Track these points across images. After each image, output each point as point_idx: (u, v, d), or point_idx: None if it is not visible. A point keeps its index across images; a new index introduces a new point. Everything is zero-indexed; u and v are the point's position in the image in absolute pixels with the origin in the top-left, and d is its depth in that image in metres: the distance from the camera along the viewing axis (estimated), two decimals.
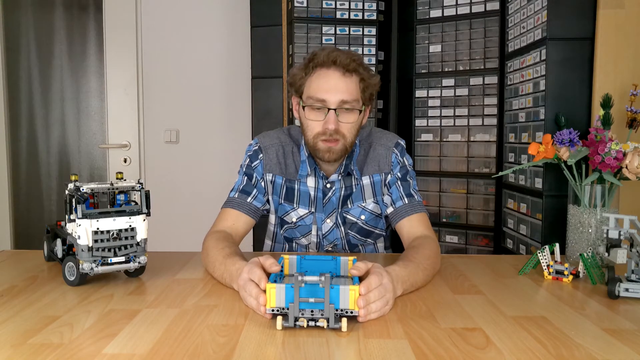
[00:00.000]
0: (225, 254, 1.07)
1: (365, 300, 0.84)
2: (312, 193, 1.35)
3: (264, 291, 0.86)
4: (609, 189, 1.24)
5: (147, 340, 0.78)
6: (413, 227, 1.27)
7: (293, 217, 1.37)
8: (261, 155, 1.35)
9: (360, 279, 0.91)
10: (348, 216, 1.36)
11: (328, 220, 1.36)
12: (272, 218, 1.42)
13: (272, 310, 0.84)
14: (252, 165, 1.35)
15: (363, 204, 1.35)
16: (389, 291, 0.90)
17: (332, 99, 1.20)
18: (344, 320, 0.81)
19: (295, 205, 1.36)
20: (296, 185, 1.35)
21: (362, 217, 1.36)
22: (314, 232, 1.37)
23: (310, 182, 1.34)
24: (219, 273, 1.06)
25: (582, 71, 1.62)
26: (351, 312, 0.83)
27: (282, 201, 1.36)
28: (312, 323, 0.82)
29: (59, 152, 2.87)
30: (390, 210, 1.33)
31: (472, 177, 2.11)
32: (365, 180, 1.35)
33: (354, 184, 1.35)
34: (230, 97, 2.75)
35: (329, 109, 1.21)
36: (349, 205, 1.36)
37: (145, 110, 2.78)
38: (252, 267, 0.92)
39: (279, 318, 0.82)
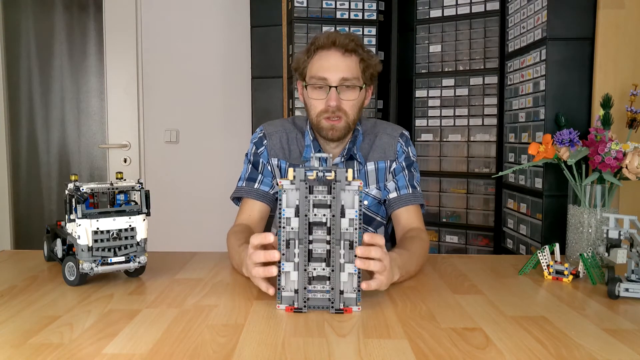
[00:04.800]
0: (240, 243, 1.13)
1: (364, 251, 0.89)
2: None
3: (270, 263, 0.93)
4: (609, 189, 1.24)
5: (147, 340, 0.78)
6: (411, 217, 1.33)
7: None
8: (265, 141, 1.39)
9: (363, 276, 0.93)
10: None
11: None
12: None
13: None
14: (258, 151, 1.39)
15: (366, 190, 1.38)
16: (387, 260, 0.93)
17: (332, 77, 1.25)
18: (350, 171, 0.89)
19: None
20: None
21: (365, 202, 1.39)
22: None
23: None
24: (236, 261, 1.12)
25: (582, 71, 1.62)
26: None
27: None
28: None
29: (59, 152, 2.87)
30: (393, 195, 1.36)
31: (472, 177, 2.11)
32: (370, 166, 1.38)
33: (356, 169, 1.37)
34: (230, 97, 2.75)
35: (330, 87, 1.25)
36: None
37: (145, 110, 2.78)
38: (255, 235, 0.97)
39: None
